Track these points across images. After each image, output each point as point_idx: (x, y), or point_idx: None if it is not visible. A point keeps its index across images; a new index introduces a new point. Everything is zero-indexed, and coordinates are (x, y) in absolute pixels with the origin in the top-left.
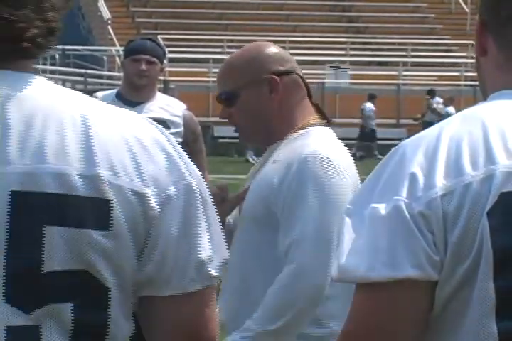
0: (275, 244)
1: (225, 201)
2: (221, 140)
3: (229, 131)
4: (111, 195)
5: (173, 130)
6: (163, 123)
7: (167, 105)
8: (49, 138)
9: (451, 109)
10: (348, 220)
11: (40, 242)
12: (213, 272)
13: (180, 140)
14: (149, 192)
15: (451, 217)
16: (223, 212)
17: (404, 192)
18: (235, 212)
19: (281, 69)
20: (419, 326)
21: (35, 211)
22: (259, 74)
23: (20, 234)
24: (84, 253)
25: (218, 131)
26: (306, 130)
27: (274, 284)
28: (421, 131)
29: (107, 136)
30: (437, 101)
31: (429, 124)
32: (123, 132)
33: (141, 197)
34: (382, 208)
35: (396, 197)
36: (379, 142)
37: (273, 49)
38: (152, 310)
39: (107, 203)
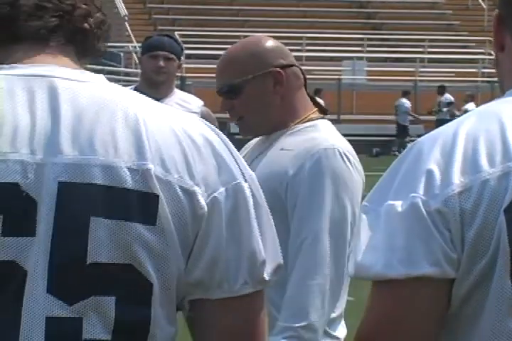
0: (279, 233)
1: None
2: (237, 136)
3: None
4: (159, 190)
5: None
6: None
7: (184, 101)
8: (100, 130)
9: (470, 105)
10: (364, 217)
11: (85, 233)
12: (266, 276)
13: None
14: (199, 190)
15: (468, 214)
16: None
17: (421, 189)
18: None
19: (284, 62)
20: (436, 324)
21: (81, 202)
22: (264, 67)
23: (65, 224)
24: (128, 247)
25: (235, 128)
26: (312, 122)
27: (293, 277)
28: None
29: (159, 132)
30: (447, 99)
31: (441, 123)
32: (175, 130)
33: (190, 194)
34: (398, 205)
35: (413, 195)
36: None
37: (273, 43)
38: (202, 315)
39: (154, 198)
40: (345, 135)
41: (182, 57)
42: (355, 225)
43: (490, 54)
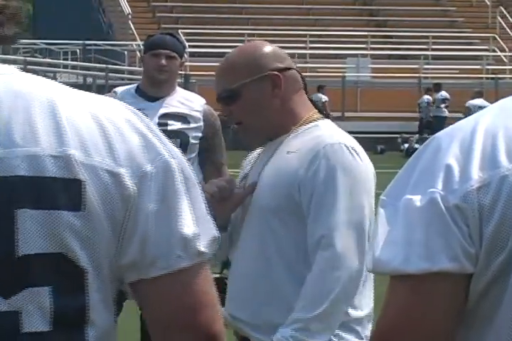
0: (297, 233)
1: (232, 195)
2: None
3: None
4: (83, 175)
5: (192, 125)
6: (183, 118)
7: (187, 100)
8: (17, 121)
9: (476, 101)
10: (382, 211)
11: (11, 226)
12: (202, 248)
13: (200, 135)
14: (123, 171)
15: (486, 210)
16: (231, 206)
17: (440, 185)
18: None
19: (281, 65)
20: (454, 319)
21: (5, 195)
22: (261, 71)
23: None
24: (59, 236)
25: None
26: (314, 123)
27: (312, 271)
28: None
29: (78, 116)
30: (442, 95)
31: (437, 119)
32: (94, 113)
33: (115, 176)
34: (417, 200)
35: (431, 190)
36: (398, 135)
37: (270, 47)
38: (143, 297)
39: (79, 183)
40: (349, 132)
41: (185, 56)
42: (372, 215)
43: (494, 51)
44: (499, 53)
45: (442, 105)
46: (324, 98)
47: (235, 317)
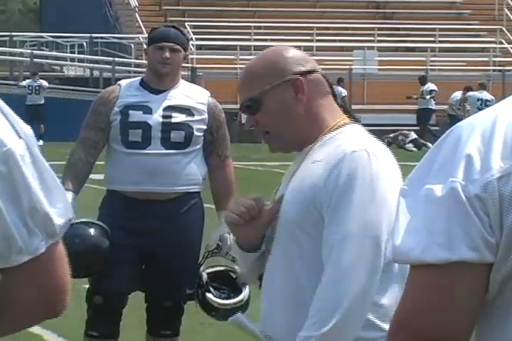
0: (322, 245)
1: (261, 213)
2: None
3: None
4: None
5: (197, 117)
6: (188, 110)
7: (191, 92)
8: None
9: (478, 93)
10: (402, 200)
11: None
12: (57, 229)
13: (204, 127)
14: None
15: (507, 200)
16: (262, 225)
17: (461, 174)
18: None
19: (303, 69)
20: (473, 309)
21: None
22: (282, 76)
23: None
24: None
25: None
26: (340, 130)
27: (319, 286)
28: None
29: None
30: (429, 87)
31: (423, 111)
32: None
33: None
34: (438, 189)
35: (452, 179)
36: (406, 128)
37: (291, 51)
38: (9, 284)
39: None
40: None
41: (192, 48)
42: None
43: (501, 43)
44: (506, 45)
45: (428, 97)
46: (344, 92)
47: (268, 337)
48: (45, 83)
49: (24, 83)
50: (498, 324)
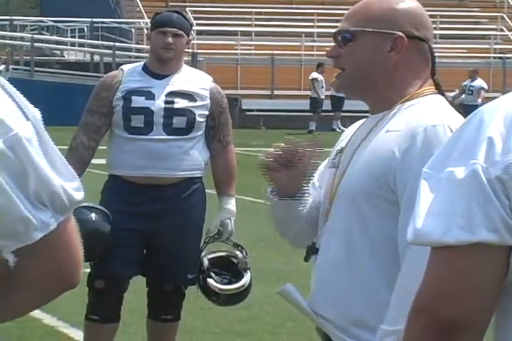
0: (388, 221)
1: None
2: (249, 113)
3: (257, 103)
4: None
5: (199, 103)
6: (190, 95)
7: (193, 78)
8: None
9: (477, 82)
10: (424, 183)
11: None
12: (68, 204)
13: (206, 113)
14: None
15: None
16: (300, 172)
17: (482, 157)
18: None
19: (415, 33)
20: (493, 292)
21: None
22: (391, 27)
23: None
24: None
25: (246, 104)
26: (420, 99)
27: (399, 279)
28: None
29: None
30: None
31: None
32: None
33: None
34: (459, 172)
35: (473, 161)
36: None
37: (418, 10)
38: (23, 262)
39: None
40: (353, 111)
41: (193, 33)
42: None
43: (502, 30)
44: (507, 32)
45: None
46: (321, 77)
47: (319, 314)
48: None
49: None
50: None
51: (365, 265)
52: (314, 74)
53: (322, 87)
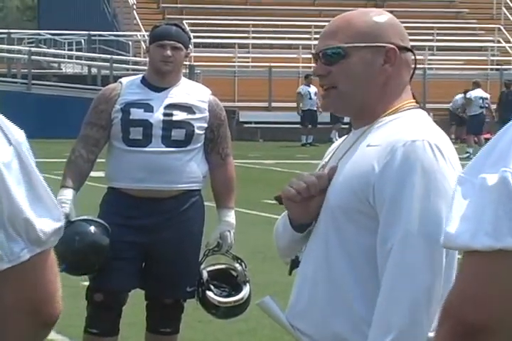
0: (368, 236)
1: (321, 192)
2: (246, 125)
3: (254, 116)
4: None
5: (198, 115)
6: (189, 108)
7: (192, 90)
8: None
9: (476, 92)
10: (458, 188)
11: None
12: (43, 236)
13: (205, 125)
14: None
15: None
16: (318, 204)
17: None
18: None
19: (401, 43)
20: None
21: None
22: (381, 40)
23: None
24: None
25: (244, 116)
26: (401, 113)
27: (382, 291)
28: (447, 116)
29: None
30: (308, 90)
31: None
32: None
33: None
34: (491, 179)
35: (504, 169)
36: None
37: (397, 21)
38: None
39: None
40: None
41: (190, 46)
42: None
43: (499, 42)
44: (504, 44)
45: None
46: (313, 89)
47: (296, 328)
48: None
49: None
50: None
51: (344, 280)
52: (300, 88)
53: (310, 99)
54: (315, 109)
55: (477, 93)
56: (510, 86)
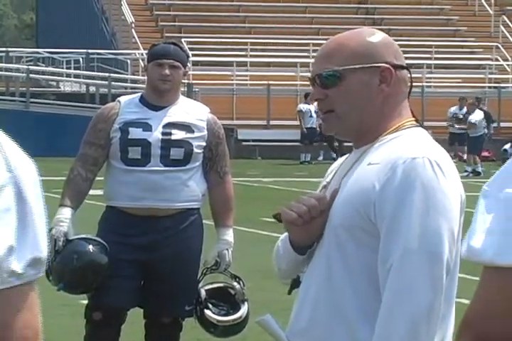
0: (370, 254)
1: (322, 214)
2: (245, 143)
3: (253, 134)
4: None
5: (196, 134)
6: (187, 127)
7: (191, 109)
8: None
9: (477, 115)
10: (482, 201)
11: None
12: (19, 269)
13: (203, 144)
14: None
15: None
16: (320, 226)
17: None
18: None
19: (396, 62)
20: None
21: None
22: (375, 60)
23: None
24: None
25: (242, 134)
26: (402, 132)
27: (381, 310)
28: (447, 134)
29: None
30: (308, 108)
31: None
32: None
33: None
34: None
35: None
36: None
37: (389, 39)
38: None
39: None
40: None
41: (188, 64)
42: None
43: (497, 60)
44: (502, 62)
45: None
46: (312, 107)
47: None
48: None
49: None
50: None
51: (345, 301)
52: (300, 106)
53: (311, 117)
54: (315, 126)
55: (478, 116)
56: None
